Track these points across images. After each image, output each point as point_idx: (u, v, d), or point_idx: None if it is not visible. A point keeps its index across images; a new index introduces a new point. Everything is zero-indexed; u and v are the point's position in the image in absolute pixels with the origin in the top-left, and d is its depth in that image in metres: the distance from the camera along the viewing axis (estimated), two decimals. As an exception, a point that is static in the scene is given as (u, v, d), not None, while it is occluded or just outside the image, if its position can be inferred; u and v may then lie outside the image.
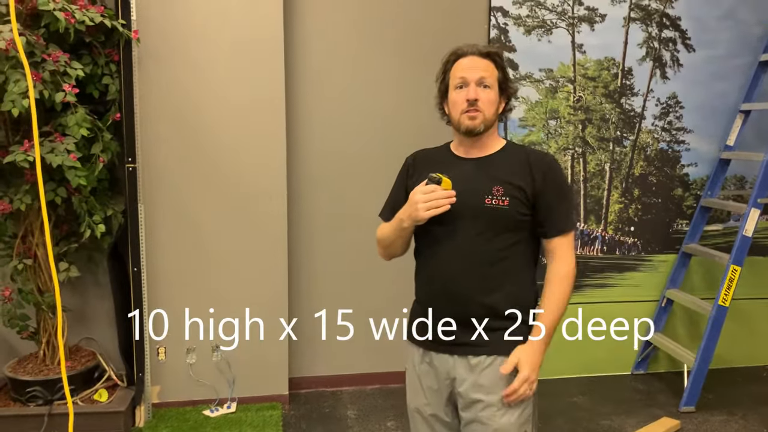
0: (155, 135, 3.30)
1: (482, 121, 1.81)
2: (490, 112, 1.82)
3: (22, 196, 2.98)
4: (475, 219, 1.81)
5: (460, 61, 1.86)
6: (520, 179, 1.82)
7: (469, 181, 1.83)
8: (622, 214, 4.02)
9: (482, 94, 1.80)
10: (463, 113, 1.82)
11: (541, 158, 1.88)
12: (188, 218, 3.39)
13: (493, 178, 1.82)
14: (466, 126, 1.82)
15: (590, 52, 3.84)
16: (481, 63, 1.83)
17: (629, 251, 4.05)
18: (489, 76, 1.82)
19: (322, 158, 3.65)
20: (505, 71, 1.88)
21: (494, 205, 1.79)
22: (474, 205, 1.80)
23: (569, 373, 4.01)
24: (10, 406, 3.17)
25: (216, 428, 3.25)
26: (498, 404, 1.79)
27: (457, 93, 1.83)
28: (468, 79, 1.81)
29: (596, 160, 3.95)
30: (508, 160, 1.86)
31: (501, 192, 1.80)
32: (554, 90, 3.84)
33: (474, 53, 1.84)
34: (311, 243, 3.70)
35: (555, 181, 1.87)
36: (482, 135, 1.85)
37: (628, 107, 3.93)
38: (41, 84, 2.76)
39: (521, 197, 1.81)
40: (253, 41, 3.34)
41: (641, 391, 3.87)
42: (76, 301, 3.51)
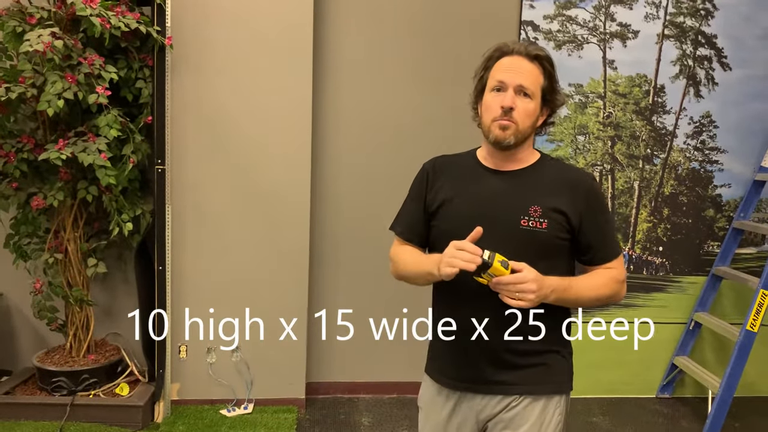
0: (185, 138, 3.40)
1: (514, 133, 1.62)
2: (526, 124, 1.63)
3: (56, 192, 3.11)
4: (508, 243, 1.58)
5: (503, 59, 1.66)
6: (559, 201, 1.63)
7: (502, 199, 1.65)
8: (651, 234, 3.95)
9: (519, 103, 1.61)
10: (495, 121, 1.62)
11: (582, 178, 1.71)
12: (214, 220, 3.47)
13: (530, 196, 1.63)
14: (495, 136, 1.63)
15: (621, 68, 3.81)
16: (526, 66, 1.63)
17: (657, 271, 3.97)
18: (531, 84, 1.62)
19: (347, 164, 3.70)
20: (553, 79, 1.68)
21: (531, 227, 1.61)
22: (508, 226, 1.61)
23: (590, 393, 3.94)
24: (36, 395, 3.29)
25: (231, 428, 3.31)
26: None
27: (492, 96, 1.64)
28: (507, 83, 1.62)
29: (625, 178, 3.90)
30: (544, 177, 1.67)
31: (539, 213, 1.61)
32: (584, 105, 3.81)
33: (520, 53, 1.64)
34: (335, 248, 3.75)
35: (599, 206, 1.71)
36: (513, 148, 1.65)
37: (660, 125, 3.87)
38: (76, 86, 2.88)
39: (561, 221, 1.63)
40: (283, 48, 3.42)
41: (664, 415, 3.77)
42: (104, 297, 3.63)
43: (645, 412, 3.81)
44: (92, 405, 3.22)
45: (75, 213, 3.28)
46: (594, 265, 1.70)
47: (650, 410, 3.83)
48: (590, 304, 1.69)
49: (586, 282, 1.67)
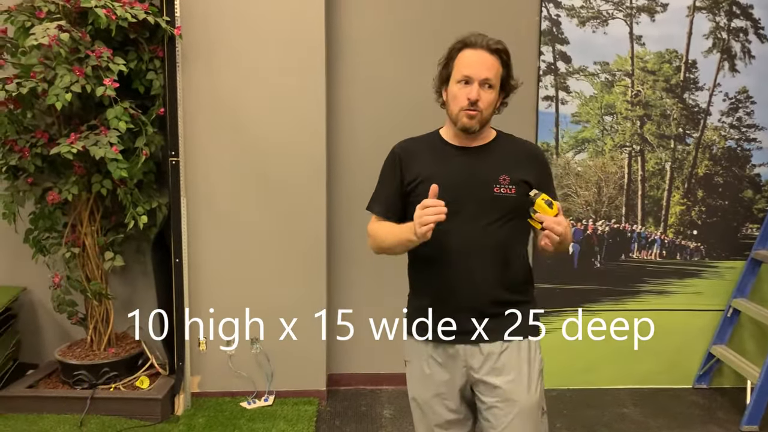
0: (198, 129, 3.36)
1: (479, 121, 1.83)
2: (489, 111, 1.85)
3: (70, 186, 3.11)
4: (484, 208, 1.83)
5: (466, 52, 1.84)
6: (523, 171, 1.87)
7: (474, 171, 1.86)
8: (684, 217, 3.77)
9: (484, 95, 1.81)
10: (462, 110, 1.82)
11: (535, 150, 2.01)
12: (230, 211, 3.43)
13: (497, 167, 1.86)
14: (463, 124, 1.84)
15: (650, 44, 3.62)
16: (488, 60, 1.82)
17: (691, 256, 3.79)
18: (494, 76, 1.82)
19: (364, 151, 3.61)
20: (510, 68, 1.88)
21: (502, 194, 1.83)
22: (482, 194, 1.83)
23: (620, 384, 3.80)
24: (58, 388, 3.32)
25: (250, 420, 3.28)
26: (517, 385, 1.83)
27: (459, 88, 1.83)
28: (473, 77, 1.81)
29: (656, 159, 3.72)
30: (505, 150, 1.91)
31: (507, 181, 1.84)
32: (610, 84, 3.65)
33: (482, 47, 1.82)
34: (354, 237, 3.68)
35: (549, 171, 2.00)
36: (477, 132, 1.87)
37: (692, 102, 3.68)
38: (84, 79, 2.87)
39: (524, 187, 1.84)
40: (295, 36, 3.35)
41: (700, 406, 3.61)
42: (125, 290, 3.64)
43: (680, 402, 3.65)
44: (112, 398, 3.23)
45: (91, 207, 3.28)
46: None
47: (686, 401, 3.67)
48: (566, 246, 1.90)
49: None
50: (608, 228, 3.74)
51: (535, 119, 3.66)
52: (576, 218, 3.71)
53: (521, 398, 1.83)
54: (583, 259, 3.74)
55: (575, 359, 3.74)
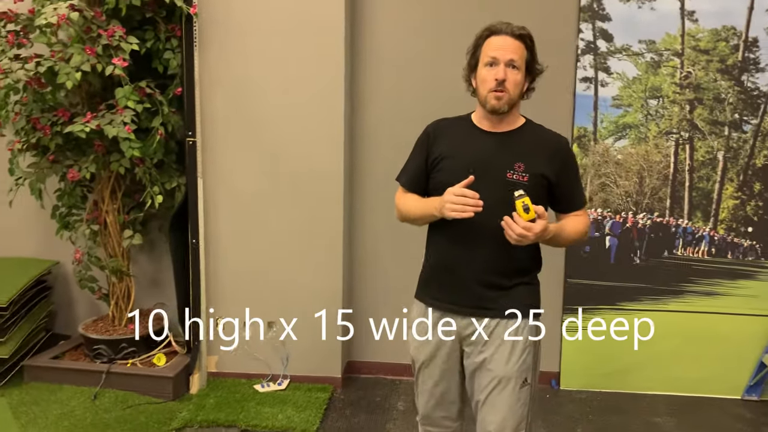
0: (216, 109, 3.34)
1: (507, 101, 1.92)
2: (515, 92, 1.93)
3: (89, 164, 3.16)
4: (496, 190, 1.90)
5: (492, 38, 1.94)
6: (540, 163, 1.94)
7: (493, 155, 1.96)
8: (738, 212, 3.42)
9: (510, 75, 1.91)
10: (491, 92, 1.92)
11: (560, 141, 2.02)
12: (246, 192, 3.40)
13: (515, 153, 1.95)
14: (492, 105, 1.93)
15: (704, 21, 3.29)
16: (513, 44, 1.92)
17: (744, 255, 3.45)
18: (518, 58, 1.92)
19: (384, 132, 3.49)
20: (534, 53, 1.97)
21: (515, 180, 1.91)
22: (496, 177, 1.92)
23: (657, 390, 3.52)
24: (80, 360, 3.42)
25: (259, 403, 3.26)
26: (498, 357, 1.97)
27: (486, 71, 1.93)
28: (499, 58, 1.91)
29: (706, 147, 3.39)
30: (528, 139, 1.99)
31: (522, 168, 1.93)
32: (656, 65, 3.34)
33: (507, 33, 1.92)
34: (373, 218, 3.58)
35: (573, 165, 2.05)
36: (505, 113, 1.95)
37: (751, 85, 3.32)
38: (95, 58, 2.89)
39: (540, 178, 1.94)
40: (313, 15, 3.25)
41: (746, 420, 3.29)
42: (151, 268, 3.70)
43: (723, 414, 3.34)
44: (127, 374, 3.29)
45: (113, 185, 3.33)
46: (565, 213, 2.05)
47: (731, 413, 3.36)
48: (567, 243, 2.05)
49: (568, 227, 2.00)
50: (650, 221, 3.45)
51: (572, 102, 3.41)
52: (614, 210, 3.45)
53: (499, 368, 1.97)
54: (621, 254, 3.47)
55: (609, 360, 3.50)
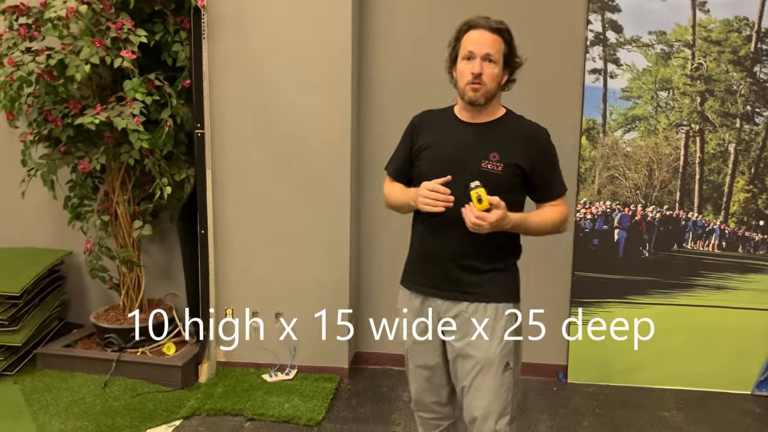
0: (224, 101, 3.36)
1: (484, 93, 1.98)
2: (493, 85, 1.99)
3: (99, 156, 3.21)
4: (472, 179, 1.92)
5: (471, 32, 2.00)
6: (516, 153, 1.99)
7: (470, 145, 2.01)
8: (749, 205, 3.38)
9: (486, 68, 1.96)
10: (468, 84, 1.98)
11: (537, 132, 2.05)
12: (255, 183, 3.42)
13: (491, 144, 2.00)
14: (469, 97, 1.99)
15: (715, 11, 3.24)
16: (490, 38, 1.97)
17: (756, 249, 3.40)
18: (495, 52, 1.97)
19: (392, 124, 3.47)
20: (512, 46, 2.02)
21: (489, 170, 1.97)
22: (471, 167, 1.96)
23: (666, 384, 3.49)
24: (91, 349, 3.48)
25: (266, 393, 3.29)
26: (478, 341, 2.01)
27: (464, 64, 1.99)
28: (476, 53, 1.96)
29: (717, 140, 3.35)
30: (506, 129, 2.04)
31: (497, 158, 1.98)
32: (667, 56, 3.31)
33: (485, 27, 1.98)
34: (378, 213, 3.58)
35: (549, 155, 2.07)
36: (483, 105, 2.01)
37: (764, 77, 3.27)
38: (104, 50, 2.92)
39: (514, 167, 1.98)
40: (323, 7, 3.25)
41: (756, 416, 3.26)
42: (162, 258, 3.74)
43: (732, 410, 3.31)
44: (137, 362, 3.34)
45: (123, 176, 3.37)
46: (542, 202, 2.09)
47: (740, 409, 3.33)
48: (539, 233, 2.06)
49: (537, 217, 2.04)
50: (659, 214, 3.42)
51: (580, 94, 3.39)
52: (623, 202, 3.42)
53: (480, 353, 2.01)
54: (630, 247, 3.45)
55: (617, 354, 3.48)
